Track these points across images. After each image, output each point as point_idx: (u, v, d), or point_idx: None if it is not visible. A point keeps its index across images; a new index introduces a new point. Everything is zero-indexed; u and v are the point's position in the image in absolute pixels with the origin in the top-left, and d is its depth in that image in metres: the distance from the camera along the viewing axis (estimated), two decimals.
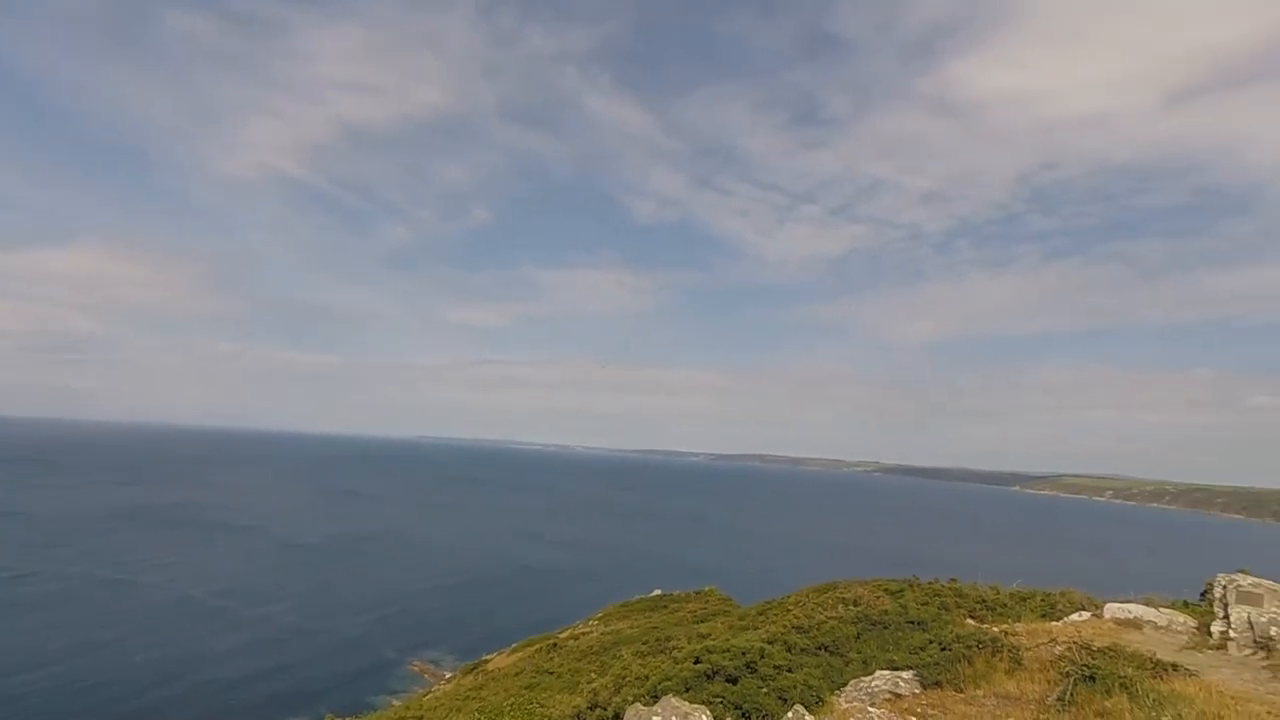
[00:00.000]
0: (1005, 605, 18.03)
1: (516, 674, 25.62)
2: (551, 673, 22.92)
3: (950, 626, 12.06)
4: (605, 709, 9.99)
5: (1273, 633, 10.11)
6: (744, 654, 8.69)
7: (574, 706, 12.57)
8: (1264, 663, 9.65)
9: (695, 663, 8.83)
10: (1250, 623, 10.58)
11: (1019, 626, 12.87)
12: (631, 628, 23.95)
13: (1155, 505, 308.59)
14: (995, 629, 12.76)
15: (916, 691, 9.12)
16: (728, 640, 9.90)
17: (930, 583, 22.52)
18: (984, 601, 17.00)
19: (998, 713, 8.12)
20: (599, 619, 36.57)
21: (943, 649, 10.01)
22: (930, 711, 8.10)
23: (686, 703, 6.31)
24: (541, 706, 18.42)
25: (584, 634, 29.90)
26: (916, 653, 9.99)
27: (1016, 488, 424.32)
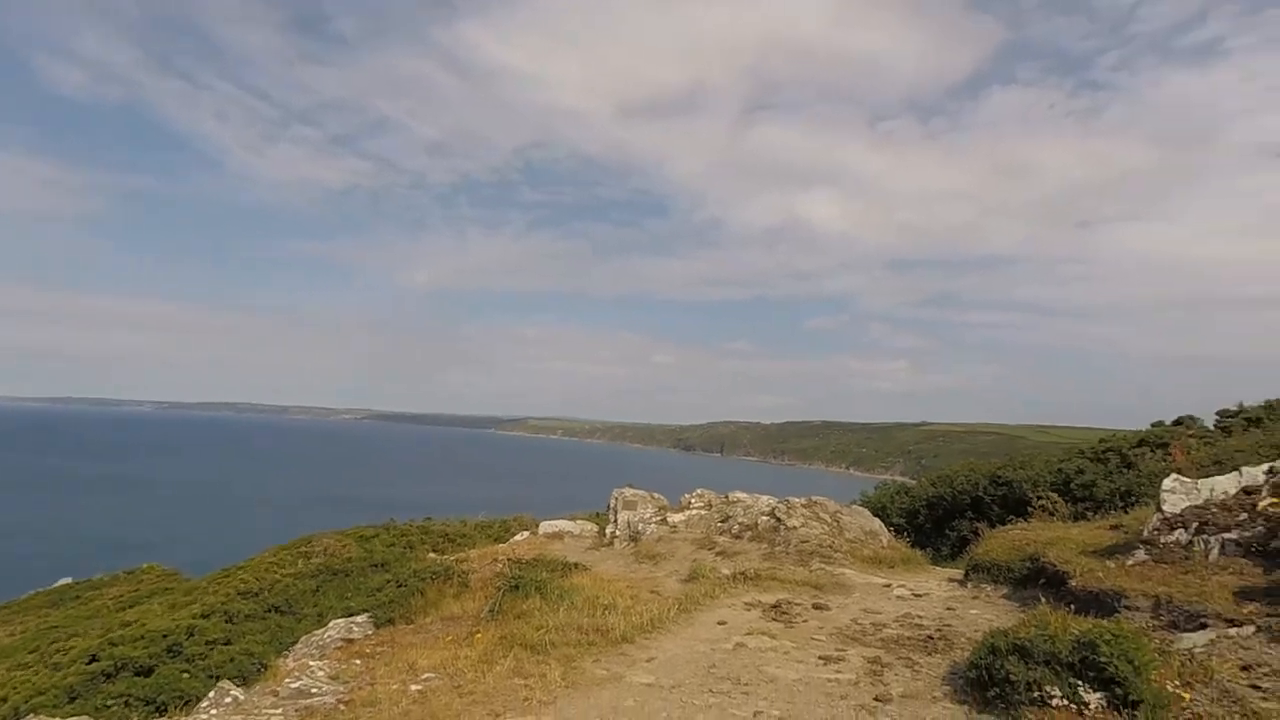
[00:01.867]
0: (467, 536, 19.99)
1: None
2: None
3: (411, 563, 12.69)
4: None
5: (640, 528, 13.60)
6: (165, 637, 7.44)
7: None
8: (632, 550, 12.91)
9: (90, 662, 7.14)
10: (628, 523, 14.01)
11: (473, 553, 14.34)
12: (11, 635, 18.33)
13: (591, 440, 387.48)
14: (452, 558, 13.98)
15: (370, 633, 9.29)
16: (142, 627, 8.33)
17: (406, 524, 23.50)
18: (448, 535, 18.50)
19: (440, 634, 8.85)
20: None
21: (399, 586, 10.44)
22: (379, 649, 8.34)
23: (61, 719, 5.00)
24: None
25: None
26: (374, 594, 10.18)
27: (494, 430, 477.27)
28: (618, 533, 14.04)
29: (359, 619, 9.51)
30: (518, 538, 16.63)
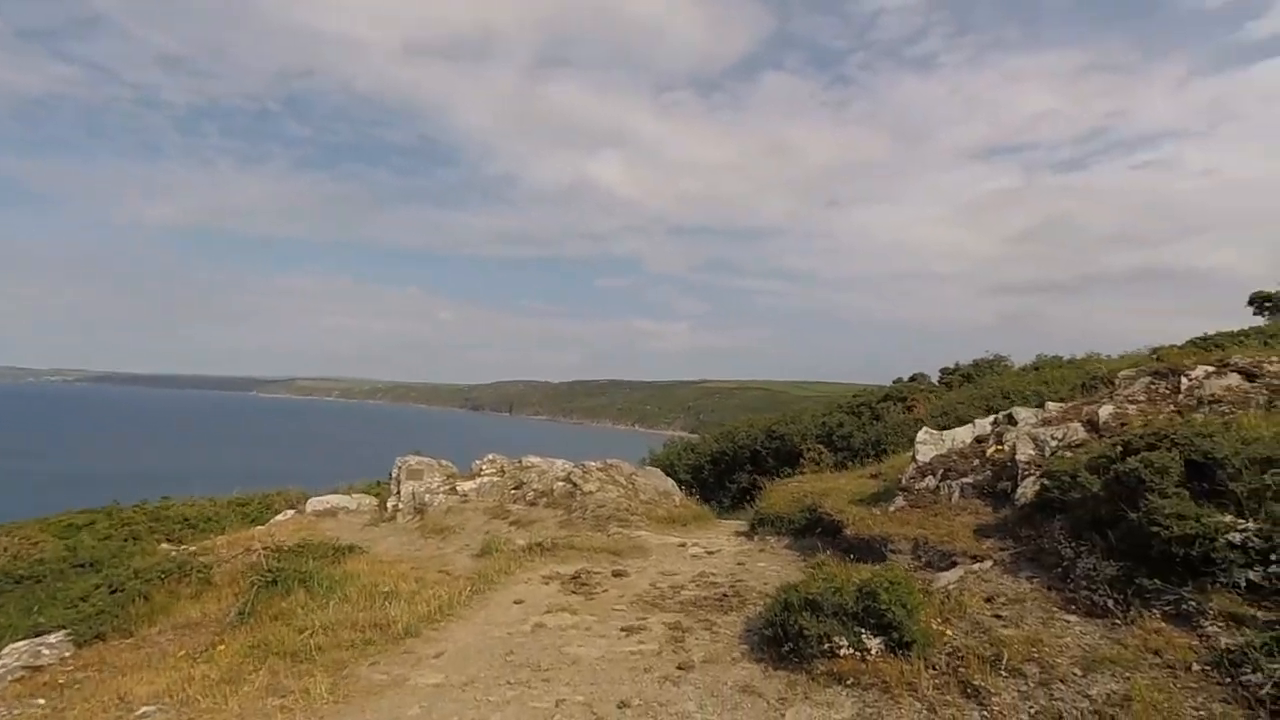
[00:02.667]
0: (216, 517, 17.28)
1: None
2: None
3: (134, 559, 10.48)
4: None
5: (426, 499, 12.58)
6: None
7: None
8: (417, 524, 11.90)
9: None
10: (413, 494, 12.90)
11: (220, 540, 12.27)
12: None
13: (371, 401, 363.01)
14: (192, 549, 11.85)
15: (68, 655, 7.40)
16: None
17: (134, 508, 19.69)
18: (189, 519, 15.80)
19: (171, 648, 7.30)
20: None
21: (114, 591, 8.48)
22: (79, 676, 6.63)
23: None
24: None
25: None
26: (76, 605, 8.14)
27: (255, 392, 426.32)
28: (401, 505, 12.87)
29: (53, 638, 7.53)
30: (280, 518, 14.60)
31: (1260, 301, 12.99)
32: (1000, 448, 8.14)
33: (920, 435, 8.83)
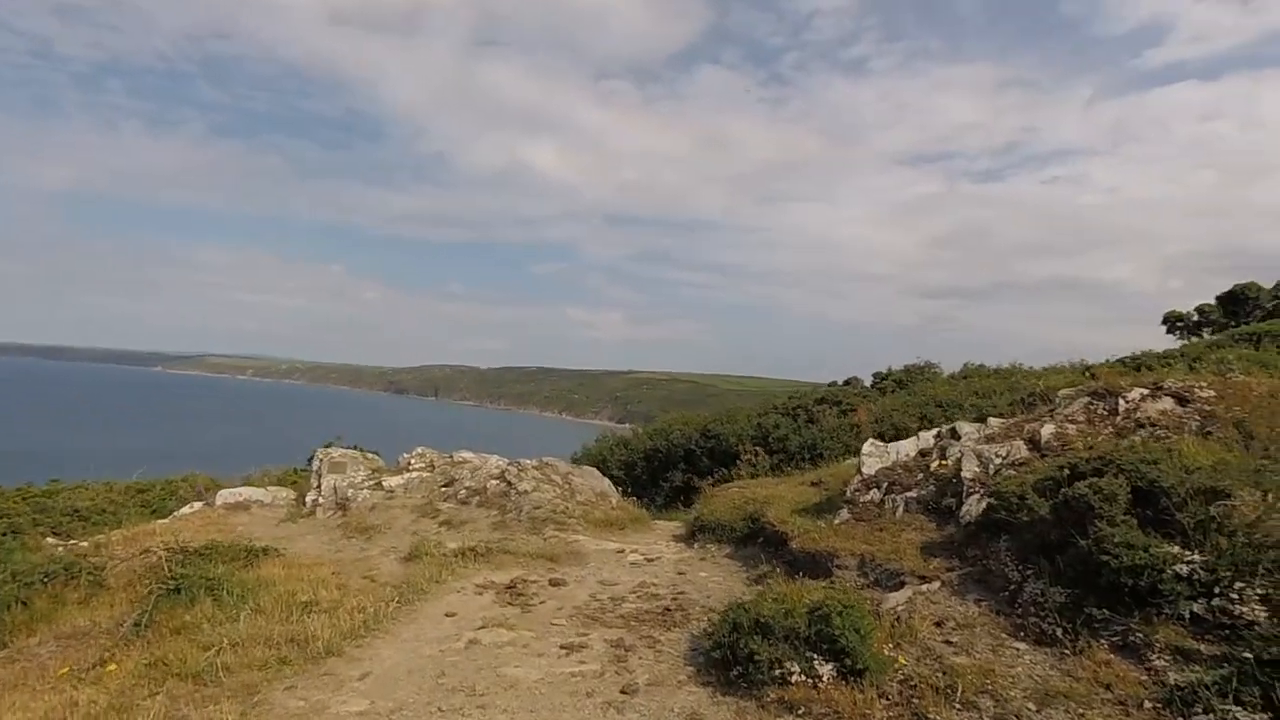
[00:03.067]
0: (111, 508, 15.90)
1: None
2: None
3: (14, 556, 9.41)
4: None
5: (349, 494, 11.87)
6: None
7: None
8: (339, 521, 11.21)
9: None
10: (335, 488, 12.16)
11: (116, 535, 11.22)
12: None
13: (288, 381, 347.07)
14: (83, 544, 10.79)
15: None
16: None
17: (18, 492, 17.91)
18: (79, 510, 14.45)
19: (53, 664, 6.52)
20: None
21: None
22: None
23: None
24: None
25: None
26: None
27: (160, 368, 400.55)
28: (322, 500, 12.09)
29: None
30: (186, 510, 13.48)
31: (1173, 321, 13.76)
32: (944, 463, 8.21)
33: (866, 447, 8.84)
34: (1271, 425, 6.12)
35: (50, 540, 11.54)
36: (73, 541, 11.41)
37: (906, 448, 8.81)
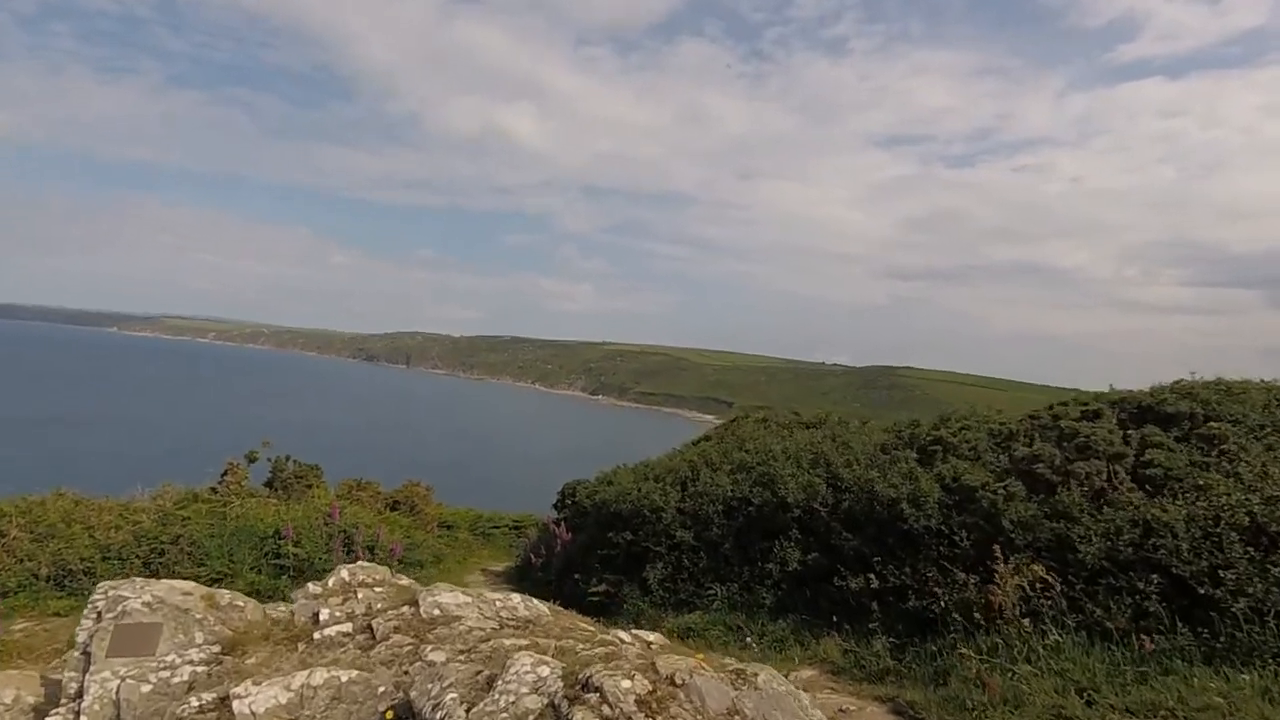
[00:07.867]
0: None
1: None
2: None
3: None
4: None
5: None
6: None
7: None
8: None
9: None
10: (117, 700, 7.70)
11: None
12: None
13: (252, 345, 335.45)
14: None
15: None
16: None
17: None
18: None
19: None
20: None
21: None
22: None
23: None
24: None
25: None
26: None
27: (115, 329, 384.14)
28: None
29: None
30: None
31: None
32: None
33: None
34: None
35: None
36: None
37: None
